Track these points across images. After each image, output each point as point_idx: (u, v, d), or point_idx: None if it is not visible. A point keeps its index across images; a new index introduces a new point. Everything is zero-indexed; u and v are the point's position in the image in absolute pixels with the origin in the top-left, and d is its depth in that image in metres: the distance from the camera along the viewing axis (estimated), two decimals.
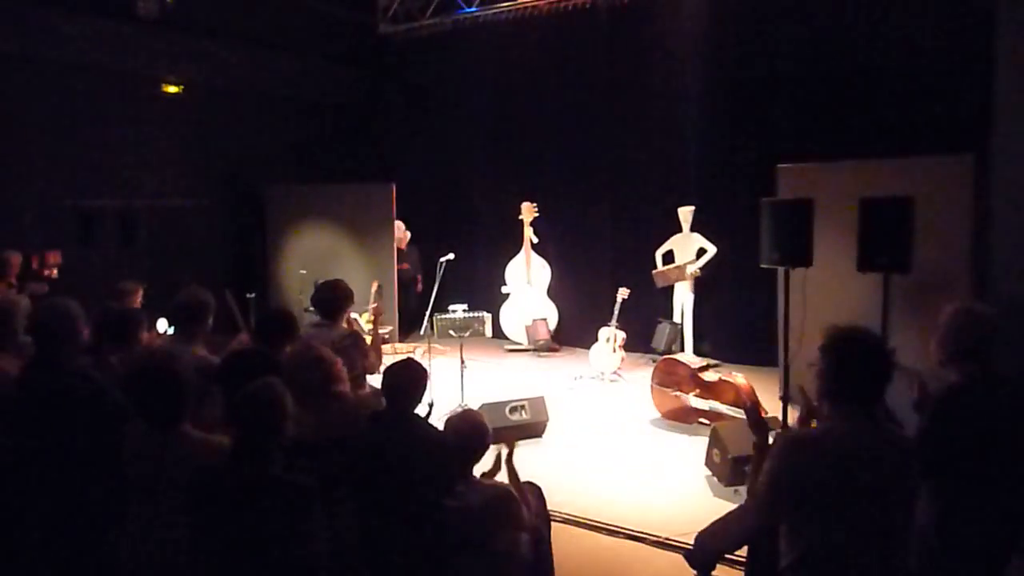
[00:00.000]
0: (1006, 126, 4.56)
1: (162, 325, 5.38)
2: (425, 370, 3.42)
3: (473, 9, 9.80)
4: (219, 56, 9.72)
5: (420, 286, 10.24)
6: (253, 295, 7.88)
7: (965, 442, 2.42)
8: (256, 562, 2.54)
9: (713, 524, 3.71)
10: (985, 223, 5.16)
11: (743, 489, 4.96)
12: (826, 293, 6.32)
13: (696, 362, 6.98)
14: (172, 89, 9.34)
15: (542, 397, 6.57)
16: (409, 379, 3.33)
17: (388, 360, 4.61)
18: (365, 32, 10.81)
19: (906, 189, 5.27)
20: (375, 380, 4.55)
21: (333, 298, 4.70)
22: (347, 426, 3.33)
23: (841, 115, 7.62)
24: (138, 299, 5.50)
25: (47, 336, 3.34)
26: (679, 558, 4.17)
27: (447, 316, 7.42)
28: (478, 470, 3.28)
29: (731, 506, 4.78)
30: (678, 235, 8.62)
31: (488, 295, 9.90)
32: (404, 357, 3.53)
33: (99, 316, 4.02)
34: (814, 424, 2.95)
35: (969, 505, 2.55)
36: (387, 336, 9.51)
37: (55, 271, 7.17)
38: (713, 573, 3.56)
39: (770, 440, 2.95)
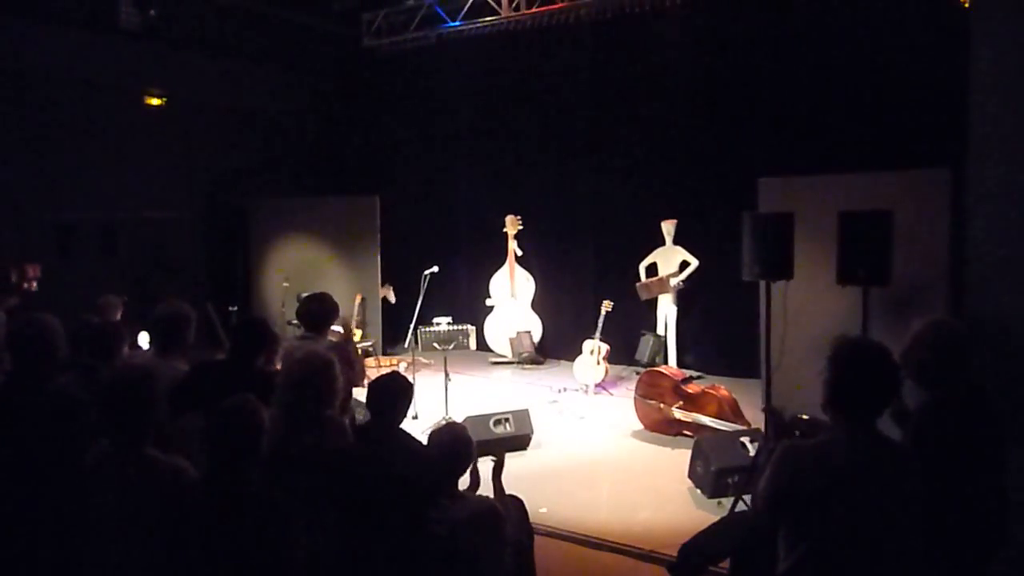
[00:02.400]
0: (981, 140, 4.64)
1: (143, 339, 5.34)
2: (410, 383, 3.42)
3: (457, 23, 9.83)
4: (202, 69, 9.70)
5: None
6: (235, 308, 7.84)
7: (942, 456, 2.45)
8: None
9: (699, 535, 3.73)
10: (961, 236, 5.23)
11: (727, 501, 4.98)
12: (807, 306, 6.38)
13: (679, 374, 7.01)
14: (155, 101, 9.30)
15: (526, 410, 6.57)
16: (394, 392, 3.32)
17: (371, 373, 4.61)
18: (349, 46, 10.82)
19: (885, 203, 5.34)
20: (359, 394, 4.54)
21: (319, 311, 4.68)
22: (339, 440, 3.31)
23: (821, 130, 7.72)
24: (119, 313, 5.46)
25: (24, 352, 3.30)
26: (662, 570, 4.18)
27: (431, 329, 7.41)
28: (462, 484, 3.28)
29: (714, 518, 4.80)
30: (661, 248, 8.68)
31: (472, 308, 9.90)
32: (389, 370, 3.53)
33: (79, 330, 3.98)
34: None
35: (945, 517, 2.57)
36: (371, 349, 9.48)
37: (34, 284, 7.08)
38: None
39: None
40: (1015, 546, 2.96)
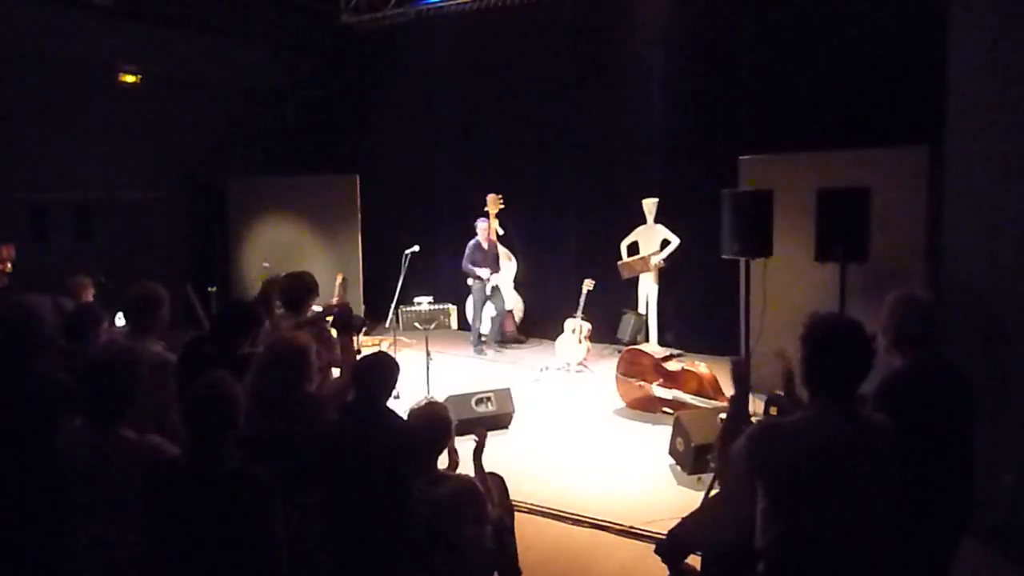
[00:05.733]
0: (958, 119, 4.66)
1: (120, 320, 5.28)
2: (396, 363, 3.43)
3: (436, 0, 9.73)
4: (178, 45, 9.53)
5: None
6: (214, 289, 7.77)
7: (904, 426, 2.48)
8: (214, 558, 2.52)
9: (687, 521, 3.72)
10: (938, 213, 5.28)
11: (706, 477, 5.04)
12: (785, 283, 6.42)
13: (660, 352, 7.05)
14: (130, 79, 9.13)
15: (508, 389, 6.59)
16: (380, 371, 3.34)
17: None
18: (328, 22, 10.68)
19: (863, 180, 5.36)
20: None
21: (296, 288, 4.66)
22: (318, 420, 3.31)
23: (800, 108, 7.73)
24: (89, 294, 5.38)
25: (6, 334, 3.27)
26: (643, 546, 4.22)
27: (412, 308, 7.39)
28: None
29: (694, 494, 4.86)
30: (642, 226, 8.68)
31: (454, 287, 9.88)
32: (375, 350, 3.53)
33: (54, 312, 3.93)
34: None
35: (911, 487, 2.60)
36: None
37: (8, 265, 6.98)
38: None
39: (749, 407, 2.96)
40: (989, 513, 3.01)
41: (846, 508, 2.34)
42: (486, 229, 9.13)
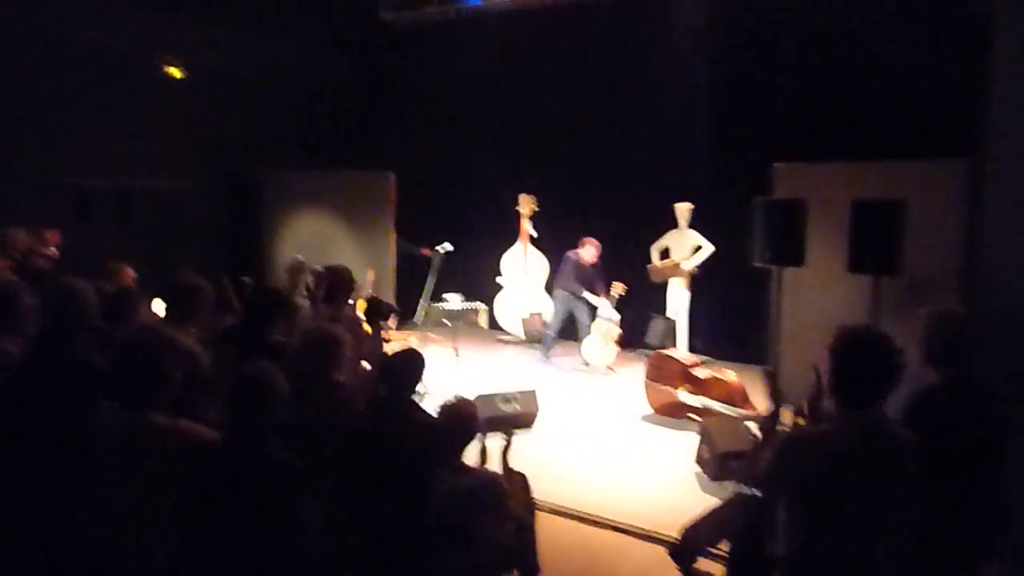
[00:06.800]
0: (999, 132, 4.59)
1: (156, 306, 5.37)
2: (423, 358, 3.50)
3: None
4: (220, 38, 9.70)
5: None
6: (249, 280, 7.88)
7: (934, 442, 2.46)
8: (246, 540, 2.58)
9: (700, 519, 3.74)
10: (976, 228, 5.20)
11: (730, 484, 5.01)
12: (817, 293, 6.37)
13: (688, 358, 7.03)
14: (173, 70, 9.32)
15: (534, 389, 6.59)
16: (407, 366, 3.41)
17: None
18: (367, 18, 10.77)
19: (899, 192, 5.31)
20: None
21: (331, 283, 4.74)
22: (344, 410, 3.37)
23: (838, 117, 7.65)
24: (128, 279, 5.49)
25: (52, 316, 3.35)
26: (664, 551, 4.21)
27: (442, 305, 7.44)
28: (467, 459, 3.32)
29: (718, 502, 4.83)
30: (674, 231, 8.65)
31: (484, 286, 9.92)
32: (404, 345, 3.60)
33: (94, 295, 4.02)
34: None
35: (937, 506, 2.58)
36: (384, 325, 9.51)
37: (52, 250, 7.14)
38: (695, 566, 3.61)
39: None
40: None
41: (865, 520, 2.33)
42: (596, 249, 8.54)
